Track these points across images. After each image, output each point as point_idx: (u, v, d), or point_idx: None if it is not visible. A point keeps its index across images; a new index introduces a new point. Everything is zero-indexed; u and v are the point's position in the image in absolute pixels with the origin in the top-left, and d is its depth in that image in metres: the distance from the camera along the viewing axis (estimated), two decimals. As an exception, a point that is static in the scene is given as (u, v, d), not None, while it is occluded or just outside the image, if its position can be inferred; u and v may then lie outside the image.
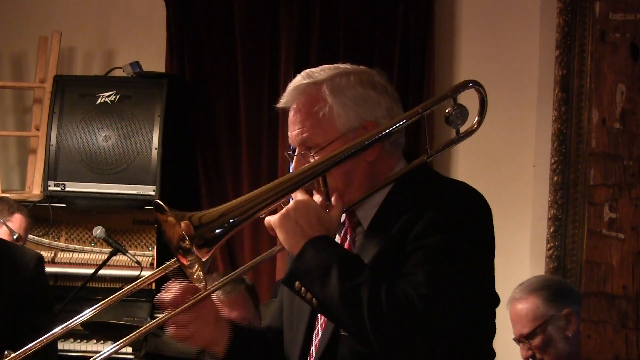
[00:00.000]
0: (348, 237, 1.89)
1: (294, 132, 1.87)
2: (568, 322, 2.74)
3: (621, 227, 1.59)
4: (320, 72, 1.90)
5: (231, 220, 1.71)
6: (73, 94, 4.26)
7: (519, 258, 4.13)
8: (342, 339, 1.79)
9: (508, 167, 4.21)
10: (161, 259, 4.10)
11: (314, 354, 1.86)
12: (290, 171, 1.88)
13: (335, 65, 1.93)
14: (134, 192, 4.13)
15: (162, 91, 4.18)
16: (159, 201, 1.68)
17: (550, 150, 4.02)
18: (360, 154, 1.83)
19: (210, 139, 4.47)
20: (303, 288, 1.71)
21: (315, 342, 1.87)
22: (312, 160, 1.83)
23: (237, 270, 2.04)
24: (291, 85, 1.90)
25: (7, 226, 3.73)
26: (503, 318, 2.87)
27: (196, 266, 1.71)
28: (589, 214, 1.62)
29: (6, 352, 2.52)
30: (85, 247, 4.26)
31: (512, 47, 4.21)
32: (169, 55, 4.50)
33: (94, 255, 4.24)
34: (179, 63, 4.47)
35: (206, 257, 1.68)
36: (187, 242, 1.68)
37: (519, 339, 2.84)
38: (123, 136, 4.18)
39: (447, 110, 1.95)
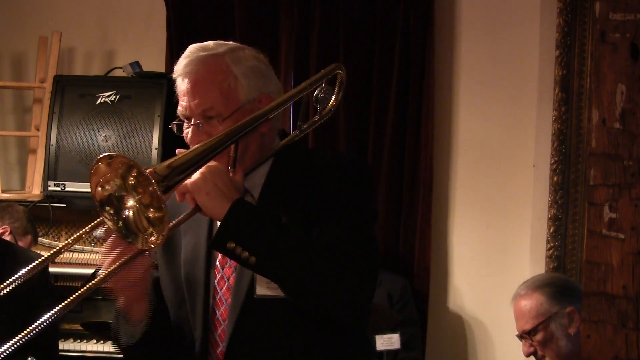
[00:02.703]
0: None
1: (193, 102, 1.91)
2: (571, 320, 2.75)
3: (621, 227, 1.59)
4: (215, 46, 1.97)
5: (183, 174, 1.74)
6: (73, 94, 4.25)
7: (519, 258, 4.13)
8: (257, 302, 1.85)
9: (508, 167, 4.21)
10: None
11: (222, 322, 1.90)
12: (188, 141, 1.93)
13: (221, 41, 2.00)
14: (134, 192, 4.13)
15: (162, 91, 4.18)
16: (112, 153, 1.71)
17: (550, 150, 4.03)
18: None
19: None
20: (239, 247, 1.74)
21: (219, 312, 1.91)
22: (216, 129, 1.87)
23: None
24: (186, 58, 1.94)
25: None
26: (508, 314, 2.89)
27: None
28: (589, 214, 1.62)
29: (29, 359, 2.54)
30: (85, 247, 4.26)
31: (512, 47, 4.21)
32: (169, 55, 4.50)
33: (94, 255, 4.24)
34: (179, 63, 4.47)
35: (167, 198, 1.69)
36: (136, 192, 1.68)
37: (521, 335, 2.85)
38: (123, 136, 4.18)
39: (315, 92, 2.03)
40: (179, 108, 1.96)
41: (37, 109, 4.55)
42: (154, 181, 1.63)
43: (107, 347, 4.10)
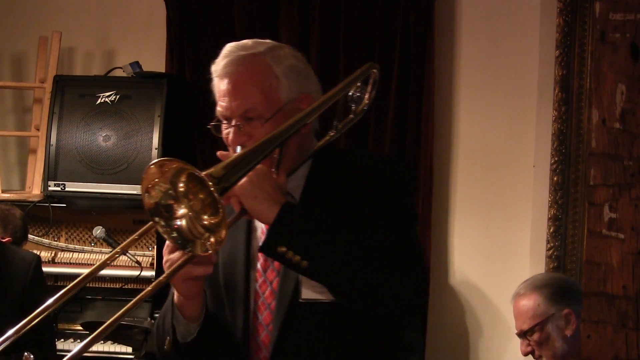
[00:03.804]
0: None
1: (234, 103, 1.86)
2: (567, 322, 2.77)
3: (621, 227, 1.59)
4: (254, 44, 1.92)
5: (237, 174, 1.69)
6: (73, 94, 4.26)
7: (519, 258, 4.13)
8: (302, 306, 1.83)
9: (508, 168, 4.21)
10: (161, 258, 4.09)
11: (265, 327, 1.87)
12: (229, 142, 1.88)
13: (258, 40, 1.96)
14: (134, 192, 4.13)
15: (162, 91, 4.18)
16: (167, 158, 1.62)
17: (550, 150, 4.02)
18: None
19: (210, 139, 4.46)
20: (290, 251, 1.71)
21: (262, 317, 1.88)
22: (257, 130, 1.84)
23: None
24: (226, 58, 1.89)
25: None
26: (508, 314, 2.90)
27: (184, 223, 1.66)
28: (589, 214, 1.62)
29: (26, 354, 2.56)
30: (85, 247, 4.26)
31: (512, 47, 4.21)
32: (169, 55, 4.50)
33: (94, 255, 4.24)
34: (179, 63, 4.47)
35: (226, 201, 1.67)
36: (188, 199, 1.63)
37: (519, 334, 2.87)
38: (123, 136, 4.18)
39: (351, 92, 2.02)
40: (218, 108, 1.91)
41: (37, 109, 4.55)
42: (210, 183, 1.58)
43: (107, 347, 4.10)
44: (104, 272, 3.92)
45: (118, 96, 4.20)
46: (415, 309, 1.86)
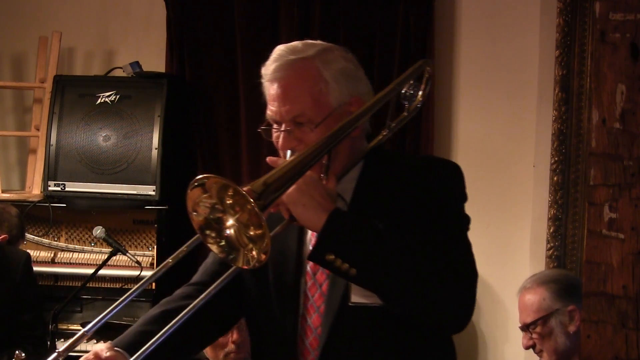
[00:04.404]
0: None
1: (283, 108, 1.85)
2: (571, 319, 2.79)
3: (621, 227, 1.59)
4: (303, 47, 1.91)
5: (279, 191, 1.68)
6: (73, 94, 4.26)
7: (519, 258, 4.13)
8: (351, 310, 1.82)
9: (508, 167, 4.21)
10: (161, 259, 4.10)
11: (314, 330, 1.87)
12: (279, 146, 1.88)
13: (309, 41, 1.94)
14: (134, 192, 4.13)
15: (162, 91, 4.18)
16: (206, 175, 1.62)
17: (550, 150, 4.02)
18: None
19: (210, 138, 4.47)
20: (339, 259, 1.70)
21: (310, 320, 1.88)
22: (308, 135, 1.83)
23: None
24: (275, 62, 1.89)
25: None
26: (507, 314, 2.90)
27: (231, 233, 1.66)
28: (589, 214, 1.62)
29: (17, 353, 2.56)
30: (85, 247, 4.26)
31: (512, 47, 4.21)
32: (169, 55, 4.49)
33: (94, 255, 4.23)
34: (179, 63, 4.47)
35: (266, 215, 1.65)
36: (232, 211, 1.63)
37: (522, 327, 2.89)
38: (123, 136, 4.18)
39: (404, 90, 2.00)
40: (268, 112, 1.90)
41: (37, 109, 4.55)
42: (251, 199, 1.57)
43: (107, 347, 4.10)
44: (104, 272, 3.92)
45: (118, 96, 4.20)
46: (466, 316, 1.83)
